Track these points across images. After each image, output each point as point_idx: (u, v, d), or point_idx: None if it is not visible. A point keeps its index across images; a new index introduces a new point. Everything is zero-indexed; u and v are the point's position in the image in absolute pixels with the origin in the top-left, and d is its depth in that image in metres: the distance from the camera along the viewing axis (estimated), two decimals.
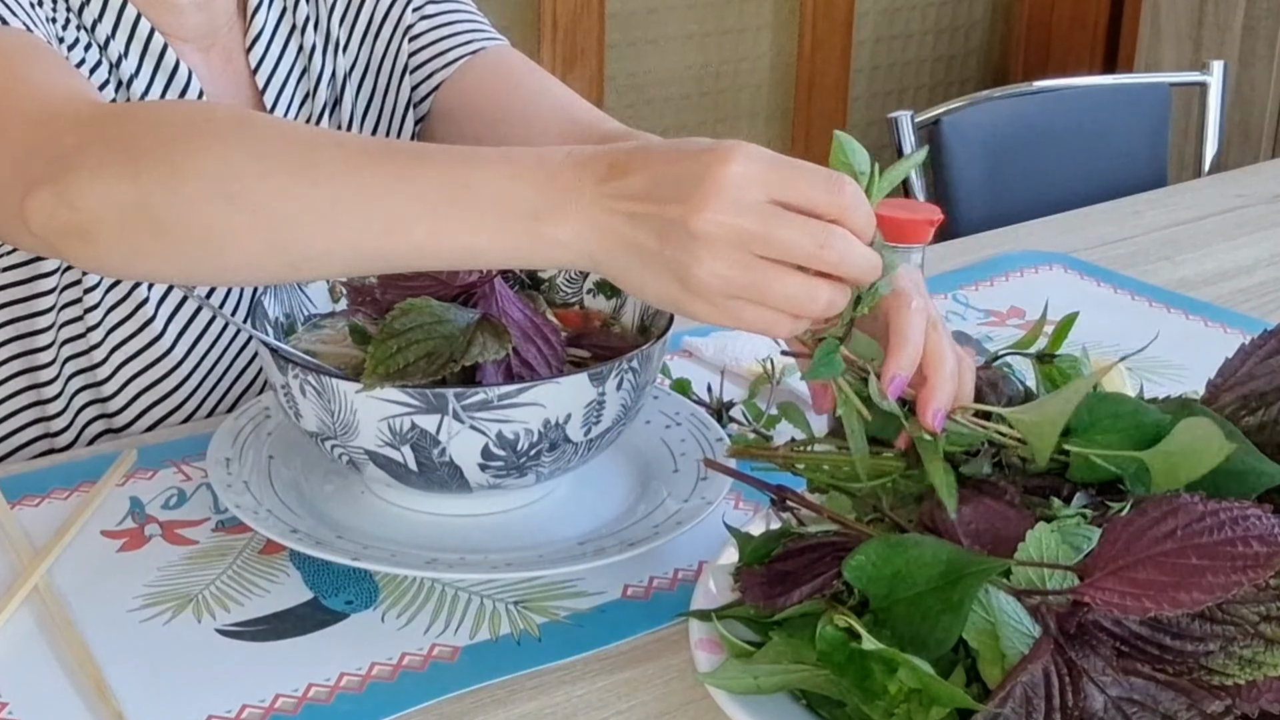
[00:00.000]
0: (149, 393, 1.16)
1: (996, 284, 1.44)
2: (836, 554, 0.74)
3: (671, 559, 0.94)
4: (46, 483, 1.02)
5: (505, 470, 0.90)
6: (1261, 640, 0.66)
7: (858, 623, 0.71)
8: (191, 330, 1.16)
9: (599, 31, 2.78)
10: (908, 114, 1.97)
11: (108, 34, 1.10)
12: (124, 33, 1.10)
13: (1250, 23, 2.99)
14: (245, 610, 0.89)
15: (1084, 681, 0.67)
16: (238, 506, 0.92)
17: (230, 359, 1.20)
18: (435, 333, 0.89)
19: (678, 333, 1.22)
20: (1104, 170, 2.09)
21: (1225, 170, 1.99)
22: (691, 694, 0.82)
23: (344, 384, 0.87)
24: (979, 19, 3.36)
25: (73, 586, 0.90)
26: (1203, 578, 0.65)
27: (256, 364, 1.22)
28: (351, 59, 1.24)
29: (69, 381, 1.15)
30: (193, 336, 1.16)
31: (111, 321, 1.13)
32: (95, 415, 1.17)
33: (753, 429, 1.10)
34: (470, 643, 0.86)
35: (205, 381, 1.18)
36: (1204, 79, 2.18)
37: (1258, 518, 0.66)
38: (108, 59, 1.10)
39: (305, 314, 1.02)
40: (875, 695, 0.70)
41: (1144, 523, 0.68)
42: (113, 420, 1.17)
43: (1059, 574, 0.70)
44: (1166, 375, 1.20)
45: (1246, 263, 1.52)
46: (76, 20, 1.09)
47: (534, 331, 0.92)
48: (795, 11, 3.07)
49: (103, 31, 1.10)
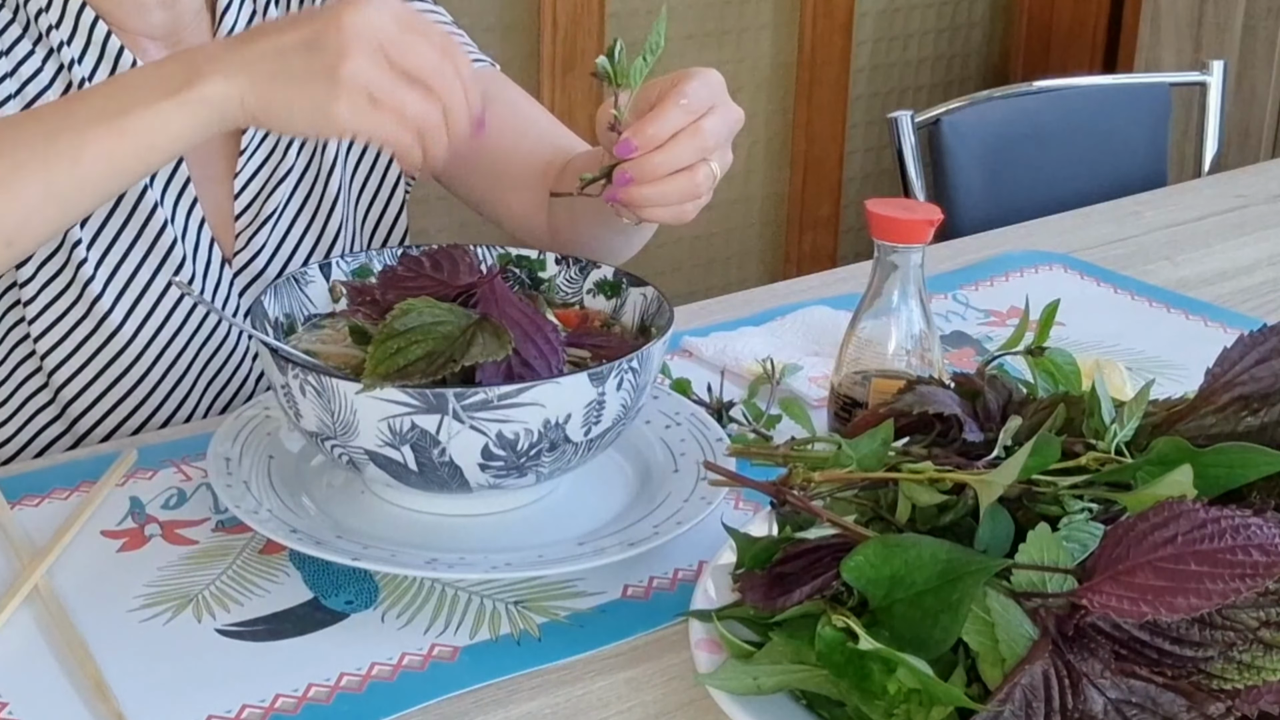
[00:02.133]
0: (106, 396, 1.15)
1: (996, 284, 1.44)
2: (836, 555, 0.74)
3: (671, 559, 0.94)
4: (46, 483, 1.02)
5: (505, 470, 0.90)
6: (1261, 645, 0.66)
7: (856, 623, 0.71)
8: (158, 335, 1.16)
9: (599, 31, 2.78)
10: (908, 114, 1.97)
11: (64, 39, 1.11)
12: (81, 36, 1.11)
13: (1250, 23, 2.99)
14: (245, 610, 0.89)
15: (1083, 684, 0.67)
16: (238, 506, 0.92)
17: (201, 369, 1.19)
18: (435, 333, 0.89)
19: (678, 333, 1.22)
20: (1104, 170, 2.09)
21: (1225, 170, 1.99)
22: (691, 694, 0.82)
23: (344, 384, 0.87)
24: (979, 19, 3.36)
25: (73, 586, 0.90)
26: (1201, 584, 0.64)
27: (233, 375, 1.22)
28: None
29: (18, 389, 1.15)
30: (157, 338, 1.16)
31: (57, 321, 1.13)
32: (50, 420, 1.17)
33: (753, 429, 1.10)
34: (470, 643, 0.86)
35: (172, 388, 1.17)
36: (1204, 79, 2.18)
37: (1259, 526, 0.65)
38: (60, 61, 1.11)
39: (305, 314, 1.02)
40: (875, 695, 0.70)
41: (1145, 527, 0.68)
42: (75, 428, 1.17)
43: (1058, 576, 0.70)
44: (1166, 375, 1.20)
45: (1246, 263, 1.52)
46: (35, 25, 1.10)
47: (534, 331, 0.92)
48: (795, 11, 3.06)
49: (59, 37, 1.11)
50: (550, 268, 1.06)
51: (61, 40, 1.10)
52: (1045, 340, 0.97)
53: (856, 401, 1.05)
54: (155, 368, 1.16)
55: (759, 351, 1.21)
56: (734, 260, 3.15)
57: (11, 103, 1.09)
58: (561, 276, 1.06)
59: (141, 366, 1.15)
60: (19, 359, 1.15)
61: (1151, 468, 0.75)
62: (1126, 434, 0.78)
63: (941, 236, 1.39)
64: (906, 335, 1.04)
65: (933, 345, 1.05)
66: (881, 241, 1.03)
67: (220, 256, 1.18)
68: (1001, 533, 0.74)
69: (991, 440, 0.82)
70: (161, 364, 1.16)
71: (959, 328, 1.33)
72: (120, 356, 1.14)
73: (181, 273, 1.15)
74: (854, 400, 1.05)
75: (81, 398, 1.15)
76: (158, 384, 1.16)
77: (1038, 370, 0.95)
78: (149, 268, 1.14)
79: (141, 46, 1.14)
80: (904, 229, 1.02)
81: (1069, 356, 0.96)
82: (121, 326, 1.13)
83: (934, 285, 1.34)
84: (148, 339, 1.15)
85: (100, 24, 1.11)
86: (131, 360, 1.14)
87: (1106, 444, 0.78)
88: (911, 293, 1.04)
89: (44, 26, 1.10)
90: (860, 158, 3.27)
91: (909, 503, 0.78)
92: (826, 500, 0.81)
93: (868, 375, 1.05)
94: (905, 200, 1.32)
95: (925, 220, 1.03)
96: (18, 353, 1.15)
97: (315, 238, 1.23)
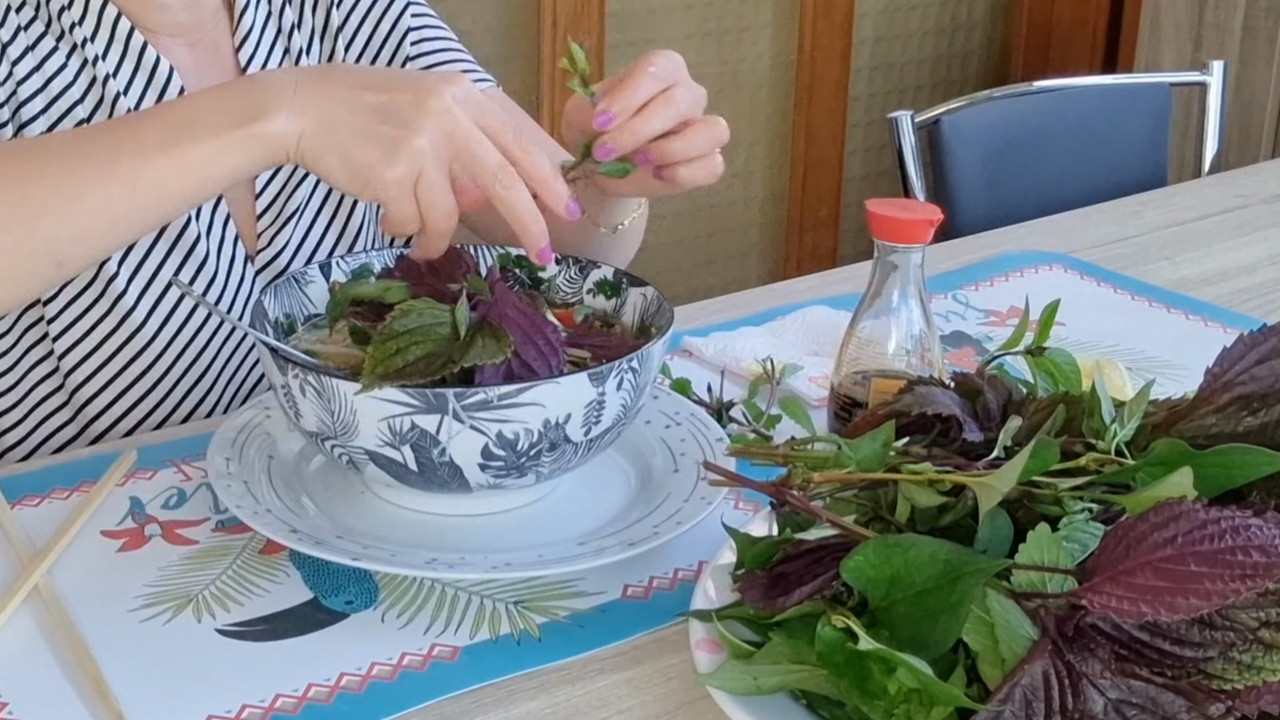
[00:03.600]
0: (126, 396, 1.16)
1: (996, 284, 1.44)
2: (835, 555, 0.74)
3: (671, 559, 0.94)
4: (46, 483, 1.02)
5: (505, 470, 0.90)
6: (1261, 646, 0.66)
7: (856, 623, 0.71)
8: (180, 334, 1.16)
9: (599, 31, 2.78)
10: (908, 114, 1.97)
11: (87, 35, 1.11)
12: (104, 33, 1.11)
13: (1250, 23, 2.99)
14: (245, 610, 0.89)
15: (1083, 684, 0.67)
16: (238, 506, 0.92)
17: (221, 366, 1.20)
18: (435, 335, 0.89)
19: (678, 332, 1.22)
20: (1104, 170, 2.09)
21: (1225, 170, 1.99)
22: (691, 694, 0.82)
23: (344, 384, 0.87)
24: (979, 19, 3.36)
25: (73, 586, 0.90)
26: (1200, 585, 0.64)
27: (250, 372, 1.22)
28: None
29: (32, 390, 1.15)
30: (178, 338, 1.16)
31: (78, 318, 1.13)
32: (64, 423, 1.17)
33: (753, 429, 1.10)
34: (470, 643, 0.86)
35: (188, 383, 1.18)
36: (1204, 79, 2.18)
37: (1259, 528, 0.65)
38: (84, 56, 1.11)
39: (305, 314, 1.02)
40: (875, 696, 0.70)
41: (1145, 528, 0.67)
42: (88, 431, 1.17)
43: (1058, 577, 0.70)
44: (1166, 375, 1.20)
45: (1246, 263, 1.52)
46: (57, 23, 1.10)
47: (534, 332, 0.91)
48: (795, 11, 3.06)
49: (82, 34, 1.11)
50: (550, 268, 1.06)
51: (85, 37, 1.11)
52: (1045, 340, 0.97)
53: (856, 401, 1.05)
54: (175, 366, 1.16)
55: (759, 351, 1.21)
56: (734, 260, 3.15)
57: (38, 98, 1.10)
58: (561, 276, 1.06)
59: (162, 365, 1.15)
60: (35, 359, 1.15)
61: (1151, 469, 0.75)
62: (1127, 434, 0.78)
63: (941, 236, 1.39)
64: (906, 335, 1.04)
65: (933, 345, 1.05)
66: (881, 241, 1.03)
67: (243, 254, 1.18)
68: (1001, 534, 0.74)
69: (991, 440, 0.82)
70: (182, 363, 1.16)
71: (959, 328, 1.33)
72: (141, 355, 1.14)
73: (204, 270, 1.15)
74: (854, 400, 1.05)
75: (98, 399, 1.15)
76: (177, 383, 1.16)
77: (1038, 370, 0.95)
78: (172, 264, 1.14)
79: (163, 44, 1.14)
80: (904, 229, 1.02)
81: (1069, 356, 0.96)
82: (144, 324, 1.14)
83: (934, 285, 1.34)
84: (170, 337, 1.15)
85: (123, 20, 1.11)
86: (153, 359, 1.15)
87: (1106, 444, 0.78)
88: (911, 293, 1.04)
89: (66, 24, 1.11)
90: (860, 158, 3.27)
91: (909, 503, 0.78)
92: (826, 501, 0.81)
93: (868, 375, 1.05)
94: (905, 200, 1.32)
95: (925, 220, 1.03)
96: (34, 354, 1.14)
97: (337, 235, 1.23)
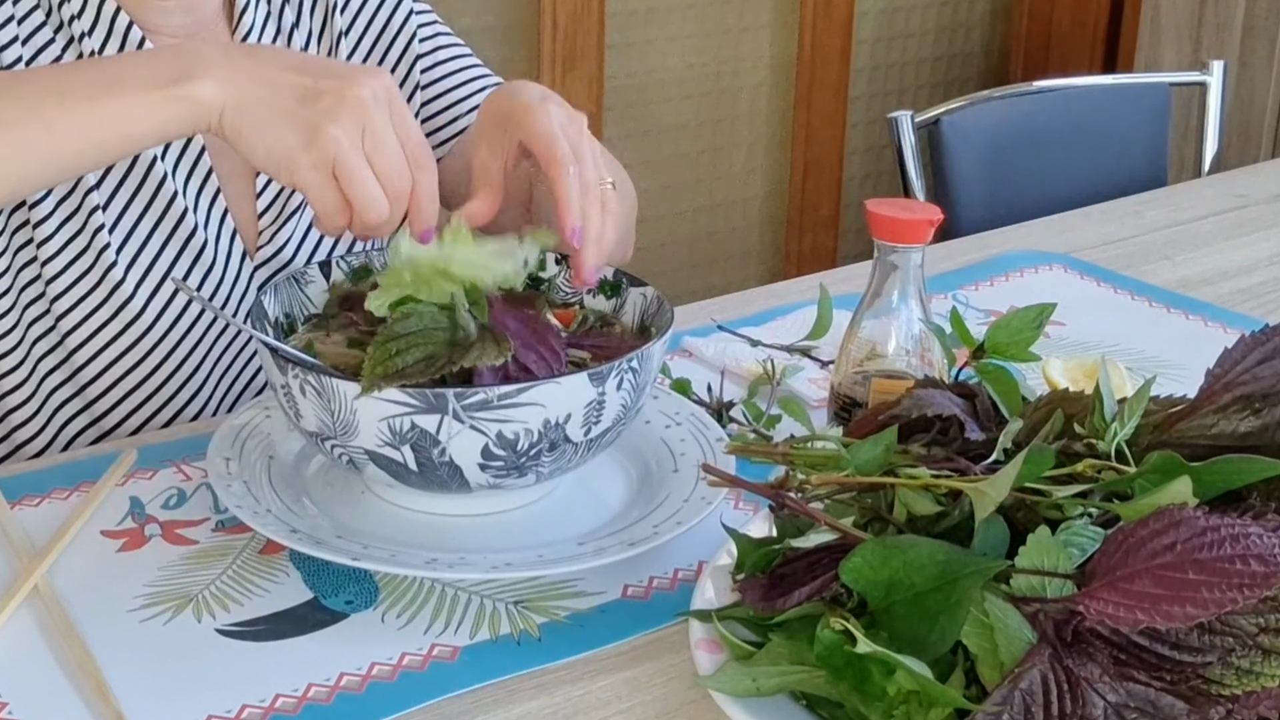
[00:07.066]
0: (136, 392, 1.16)
1: (996, 284, 1.44)
2: (835, 556, 0.74)
3: (671, 559, 0.94)
4: (46, 483, 1.02)
5: (505, 470, 0.90)
6: (1259, 651, 0.66)
7: (855, 625, 0.71)
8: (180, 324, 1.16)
9: (599, 31, 2.78)
10: (908, 114, 1.97)
11: (85, 29, 1.11)
12: (103, 27, 1.11)
13: (1250, 23, 2.99)
14: (245, 610, 0.89)
15: (1082, 687, 0.67)
16: (238, 506, 0.92)
17: (228, 361, 1.20)
18: (435, 338, 0.89)
19: (678, 332, 1.22)
20: (1104, 170, 2.09)
21: (1225, 170, 1.99)
22: (691, 694, 0.82)
23: (344, 384, 0.87)
24: (979, 19, 3.36)
25: (73, 586, 0.90)
26: (1198, 593, 0.64)
27: (253, 365, 1.22)
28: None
29: (42, 382, 1.15)
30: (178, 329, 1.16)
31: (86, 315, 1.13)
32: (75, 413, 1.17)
33: (753, 429, 1.10)
34: (470, 643, 0.86)
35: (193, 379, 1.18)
36: (1204, 79, 2.18)
37: (1259, 536, 0.65)
38: (80, 51, 1.11)
39: (305, 314, 1.02)
40: (874, 697, 0.70)
41: (1145, 534, 0.67)
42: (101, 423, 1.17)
43: (1057, 581, 0.70)
44: (1166, 375, 1.20)
45: (1246, 263, 1.52)
46: (57, 14, 1.11)
47: (534, 339, 0.91)
48: (795, 11, 3.06)
49: (80, 27, 1.11)
50: (550, 268, 1.06)
51: (83, 31, 1.11)
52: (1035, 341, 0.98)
53: (856, 401, 1.05)
54: (177, 357, 1.16)
55: (759, 352, 1.21)
56: (734, 260, 3.15)
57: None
58: (562, 276, 1.06)
59: (164, 356, 1.15)
60: (43, 351, 1.14)
61: (1149, 477, 0.74)
62: (1126, 433, 0.78)
63: (941, 236, 1.39)
64: (906, 335, 1.04)
65: (933, 345, 1.05)
66: (881, 241, 1.03)
67: (242, 250, 1.18)
68: (997, 540, 0.73)
69: (992, 440, 0.82)
70: (183, 353, 1.16)
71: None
72: (144, 347, 1.14)
73: (201, 261, 1.15)
74: (854, 400, 1.05)
75: (109, 394, 1.15)
76: (180, 374, 1.16)
77: (980, 375, 0.95)
78: (168, 256, 1.14)
79: (161, 42, 1.14)
80: (904, 229, 1.02)
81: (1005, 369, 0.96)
82: (142, 313, 1.14)
83: (934, 285, 1.34)
84: (167, 327, 1.15)
85: (121, 15, 1.12)
86: (156, 351, 1.15)
87: (1106, 443, 0.78)
88: (911, 293, 1.04)
89: (65, 16, 1.11)
90: (860, 158, 3.27)
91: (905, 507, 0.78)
92: (825, 503, 0.80)
93: (868, 375, 1.05)
94: (905, 200, 1.32)
95: (925, 220, 1.03)
96: (42, 345, 1.14)
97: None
